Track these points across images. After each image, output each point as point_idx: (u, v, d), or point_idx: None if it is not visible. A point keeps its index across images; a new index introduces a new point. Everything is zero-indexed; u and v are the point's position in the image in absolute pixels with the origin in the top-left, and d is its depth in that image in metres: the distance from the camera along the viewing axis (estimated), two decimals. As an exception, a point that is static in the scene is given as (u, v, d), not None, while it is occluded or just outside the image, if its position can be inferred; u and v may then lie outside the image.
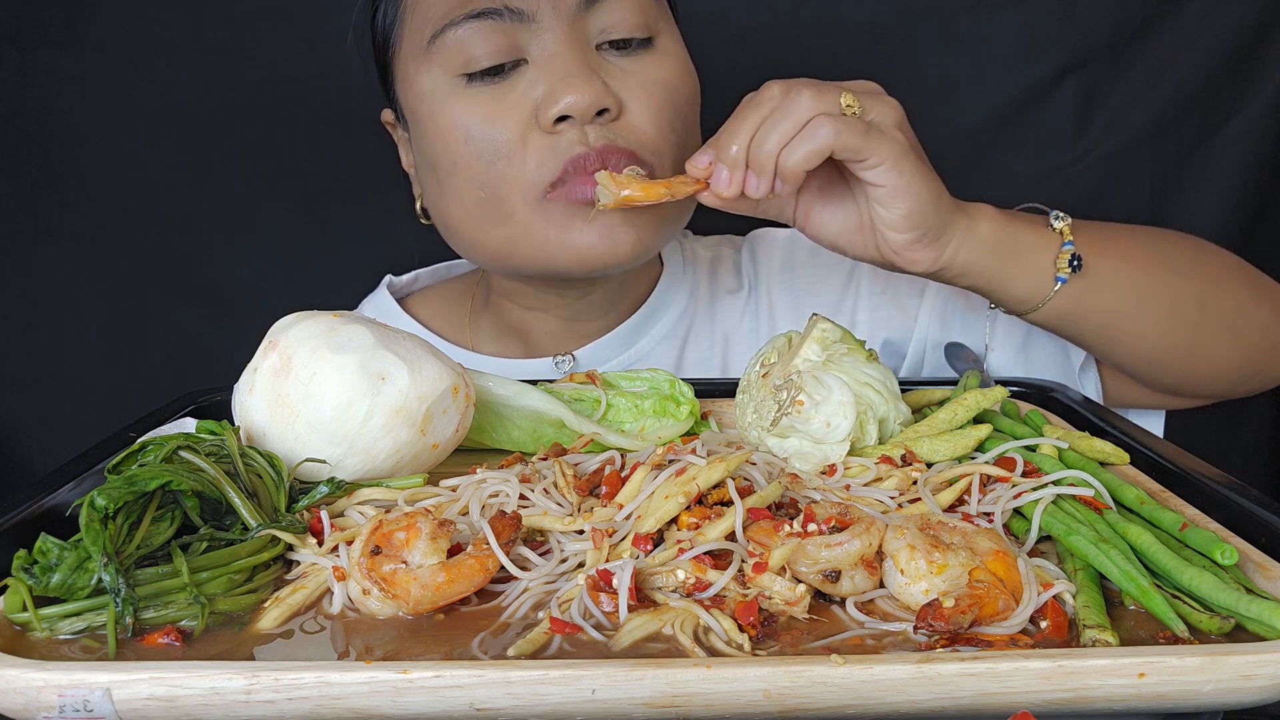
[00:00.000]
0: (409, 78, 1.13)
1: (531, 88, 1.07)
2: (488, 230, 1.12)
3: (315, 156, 1.70)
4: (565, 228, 1.08)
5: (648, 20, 1.11)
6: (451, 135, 1.09)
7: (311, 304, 0.93)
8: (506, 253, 1.13)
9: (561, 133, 1.06)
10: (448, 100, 1.09)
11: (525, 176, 1.07)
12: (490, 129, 1.08)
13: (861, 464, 0.87)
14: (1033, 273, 1.02)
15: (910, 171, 0.93)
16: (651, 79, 1.11)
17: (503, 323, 1.31)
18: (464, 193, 1.11)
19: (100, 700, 0.57)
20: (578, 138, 1.06)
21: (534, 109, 1.07)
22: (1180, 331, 1.08)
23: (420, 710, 0.57)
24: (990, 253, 1.00)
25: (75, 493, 0.80)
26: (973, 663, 0.57)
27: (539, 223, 1.09)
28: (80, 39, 1.62)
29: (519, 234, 1.11)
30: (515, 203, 1.09)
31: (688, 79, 1.16)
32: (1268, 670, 0.57)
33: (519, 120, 1.07)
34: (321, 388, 0.83)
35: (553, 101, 1.05)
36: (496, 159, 1.08)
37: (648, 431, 1.01)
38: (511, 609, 0.69)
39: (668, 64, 1.13)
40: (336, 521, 0.80)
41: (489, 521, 0.74)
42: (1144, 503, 0.78)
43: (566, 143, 1.06)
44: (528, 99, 1.07)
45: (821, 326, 0.93)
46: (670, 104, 1.12)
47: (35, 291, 1.72)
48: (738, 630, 0.64)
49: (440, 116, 1.10)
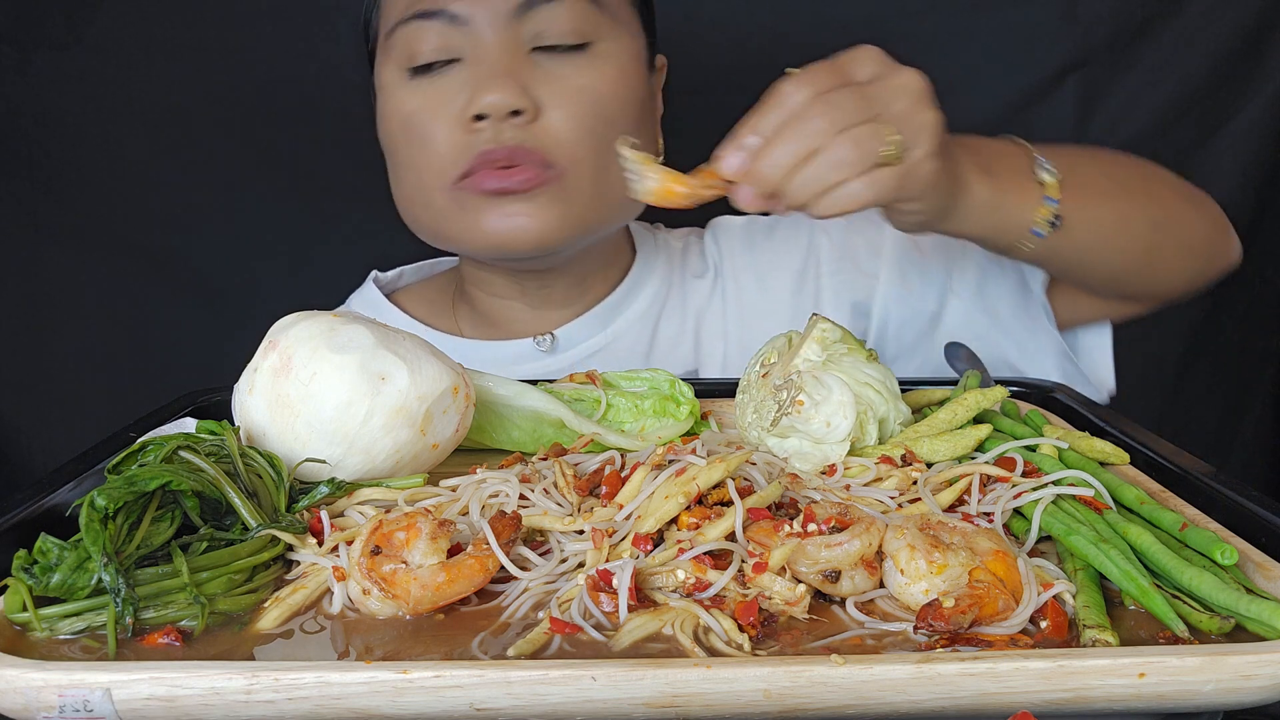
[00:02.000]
0: (377, 72, 1.25)
1: (462, 86, 1.16)
2: (418, 211, 1.24)
3: (315, 156, 1.70)
4: (474, 213, 1.18)
5: (581, 27, 1.17)
6: (393, 123, 1.21)
7: (311, 304, 0.93)
8: (435, 231, 1.25)
9: (479, 130, 1.15)
10: (395, 92, 1.20)
11: (441, 166, 1.18)
12: (421, 121, 1.18)
13: (861, 464, 0.87)
14: (1015, 228, 1.05)
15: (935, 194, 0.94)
16: (576, 85, 1.16)
17: (478, 312, 1.38)
18: (401, 176, 1.24)
19: (100, 700, 0.57)
20: (491, 135, 1.14)
21: (462, 106, 1.16)
22: (1141, 252, 1.15)
23: (420, 710, 0.57)
24: (979, 222, 1.03)
25: (75, 493, 0.80)
26: (973, 663, 0.57)
27: (453, 209, 1.20)
28: (80, 39, 1.62)
29: (439, 217, 1.22)
30: (432, 189, 1.20)
31: (622, 86, 1.20)
32: (1268, 670, 0.57)
33: (447, 116, 1.16)
34: (321, 388, 0.83)
35: (474, 101, 1.14)
36: (423, 148, 1.18)
37: (648, 431, 1.01)
38: (511, 609, 0.69)
39: (599, 70, 1.17)
40: (336, 521, 0.80)
41: (489, 521, 0.74)
42: (1144, 503, 0.78)
43: (481, 139, 1.15)
44: (458, 97, 1.16)
45: (821, 326, 0.93)
46: (595, 110, 1.17)
47: (35, 291, 1.72)
48: (738, 630, 0.64)
49: (388, 106, 1.22)
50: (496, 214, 1.17)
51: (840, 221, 1.33)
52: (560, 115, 1.16)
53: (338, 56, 1.65)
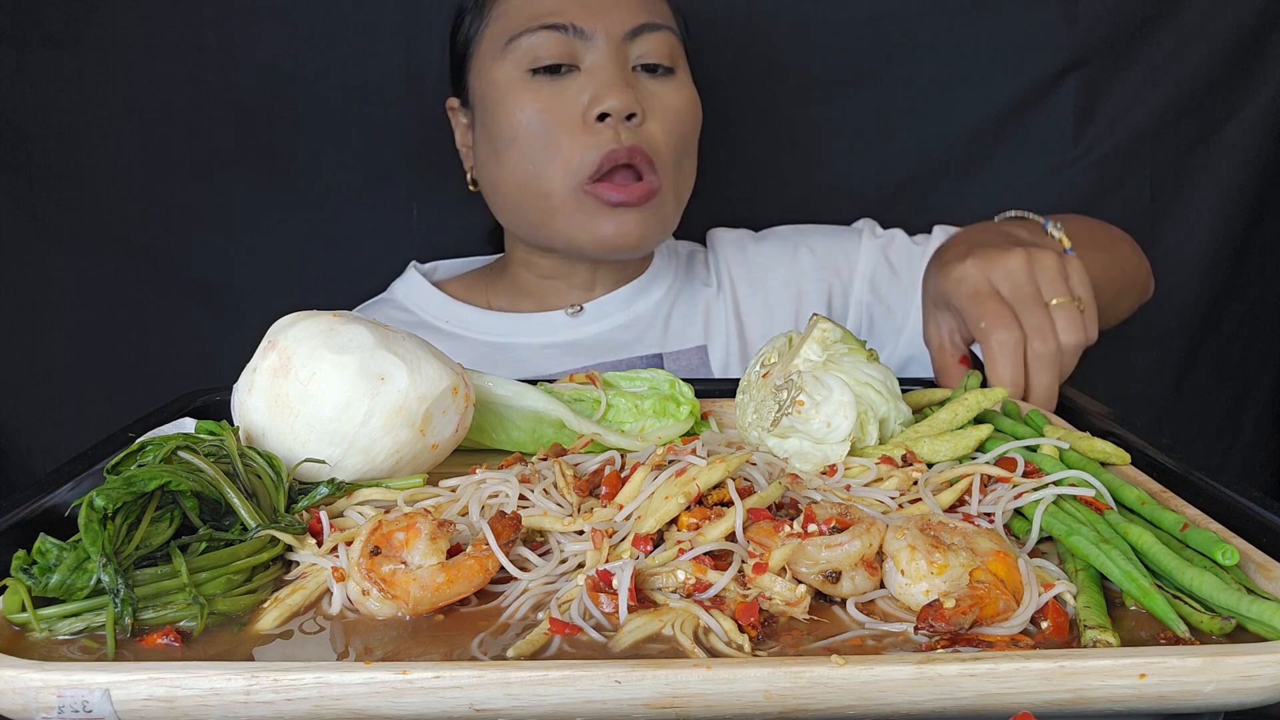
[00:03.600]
0: (484, 70, 1.39)
1: (581, 90, 1.33)
2: (529, 200, 1.38)
3: (315, 156, 1.70)
4: (592, 218, 1.35)
5: (673, 55, 1.39)
6: (516, 116, 1.35)
7: (311, 304, 0.92)
8: (539, 222, 1.39)
9: (599, 131, 1.32)
10: (516, 88, 1.35)
11: (567, 162, 1.33)
12: (546, 117, 1.34)
13: (862, 464, 0.86)
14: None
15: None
16: (668, 103, 1.38)
17: (519, 287, 1.53)
18: (516, 164, 1.37)
19: (99, 701, 0.57)
20: (612, 136, 1.32)
21: (582, 108, 1.33)
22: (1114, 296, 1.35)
23: (420, 711, 0.57)
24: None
25: (74, 493, 0.80)
26: (973, 663, 0.57)
27: (570, 207, 1.35)
28: (79, 39, 1.62)
29: (552, 210, 1.36)
30: (555, 183, 1.34)
31: (694, 111, 1.42)
32: (1269, 671, 0.57)
33: (568, 115, 1.33)
34: (321, 388, 0.83)
35: (597, 102, 1.32)
36: (547, 143, 1.34)
37: (648, 431, 1.01)
38: (511, 609, 0.69)
39: (682, 94, 1.40)
40: (336, 522, 0.80)
41: (489, 522, 0.73)
42: (1145, 503, 0.78)
43: (605, 140, 1.32)
44: (578, 99, 1.33)
45: (822, 326, 0.93)
46: (679, 126, 1.39)
47: (35, 291, 1.72)
48: (738, 631, 0.64)
49: (508, 100, 1.36)
50: (613, 221, 1.35)
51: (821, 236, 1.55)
52: (657, 124, 1.36)
53: (338, 56, 1.65)
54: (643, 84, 1.37)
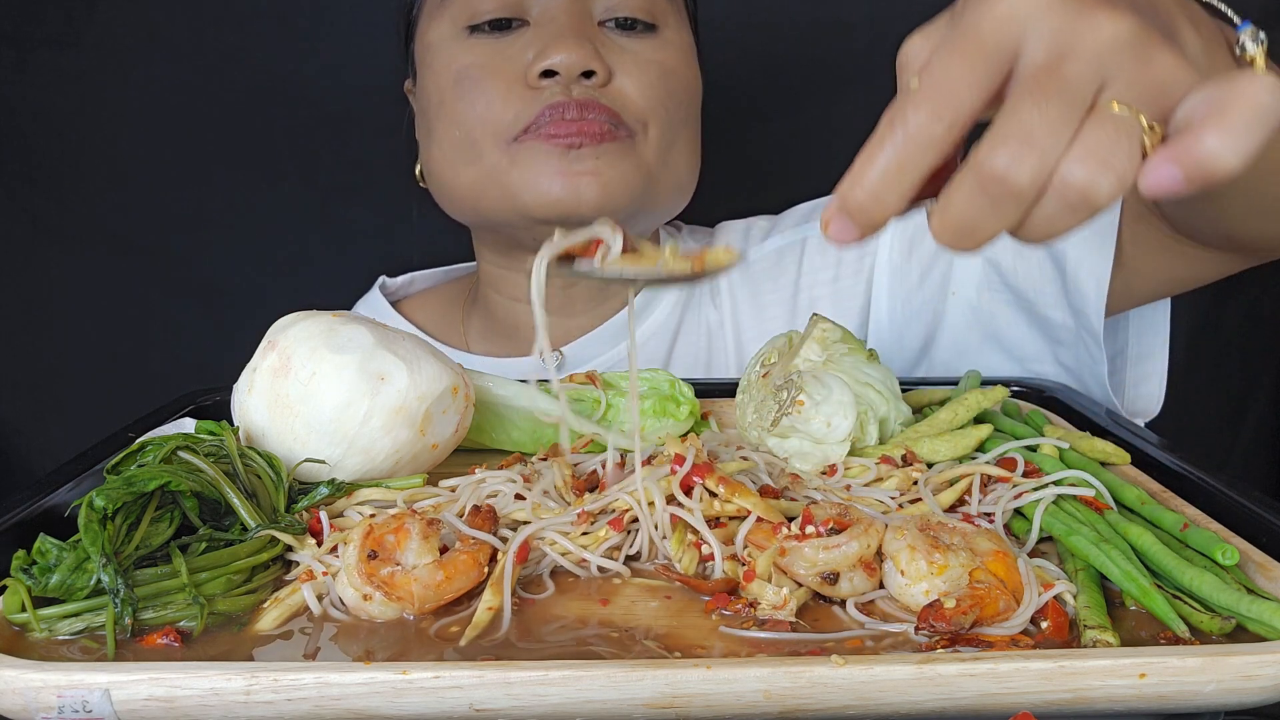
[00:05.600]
0: (422, 33, 1.18)
1: (526, 46, 1.10)
2: (459, 170, 1.15)
3: (315, 156, 1.70)
4: (533, 170, 1.09)
5: (654, 8, 1.14)
6: (444, 77, 1.13)
7: (311, 304, 0.92)
8: (475, 194, 1.15)
9: (542, 86, 1.09)
10: (448, 47, 1.14)
11: (499, 119, 1.10)
12: (480, 74, 1.11)
13: (862, 464, 0.86)
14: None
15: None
16: (647, 58, 1.12)
17: (492, 319, 1.32)
18: (444, 134, 1.14)
19: (99, 701, 0.57)
20: (559, 90, 1.08)
21: (525, 66, 1.10)
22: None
23: (420, 711, 0.57)
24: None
25: (74, 493, 0.80)
26: (973, 663, 0.57)
27: (505, 164, 1.11)
28: (79, 38, 1.62)
29: (486, 175, 1.13)
30: (485, 144, 1.12)
31: (688, 71, 1.16)
32: (1269, 671, 0.57)
33: (508, 74, 1.11)
34: (321, 388, 0.83)
35: (541, 57, 1.08)
36: (475, 101, 1.11)
37: (648, 431, 1.01)
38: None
39: (668, 51, 1.14)
40: (336, 522, 0.80)
41: (467, 520, 0.74)
42: (1145, 503, 0.78)
43: (547, 94, 1.08)
44: (521, 56, 1.10)
45: (822, 326, 0.93)
46: (664, 84, 1.13)
47: (35, 291, 1.72)
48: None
49: (438, 62, 1.14)
50: (560, 169, 1.08)
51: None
52: (630, 82, 1.11)
53: (338, 56, 1.65)
54: (612, 41, 1.13)
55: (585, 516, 0.75)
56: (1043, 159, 0.54)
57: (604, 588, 0.71)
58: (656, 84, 1.13)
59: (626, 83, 1.12)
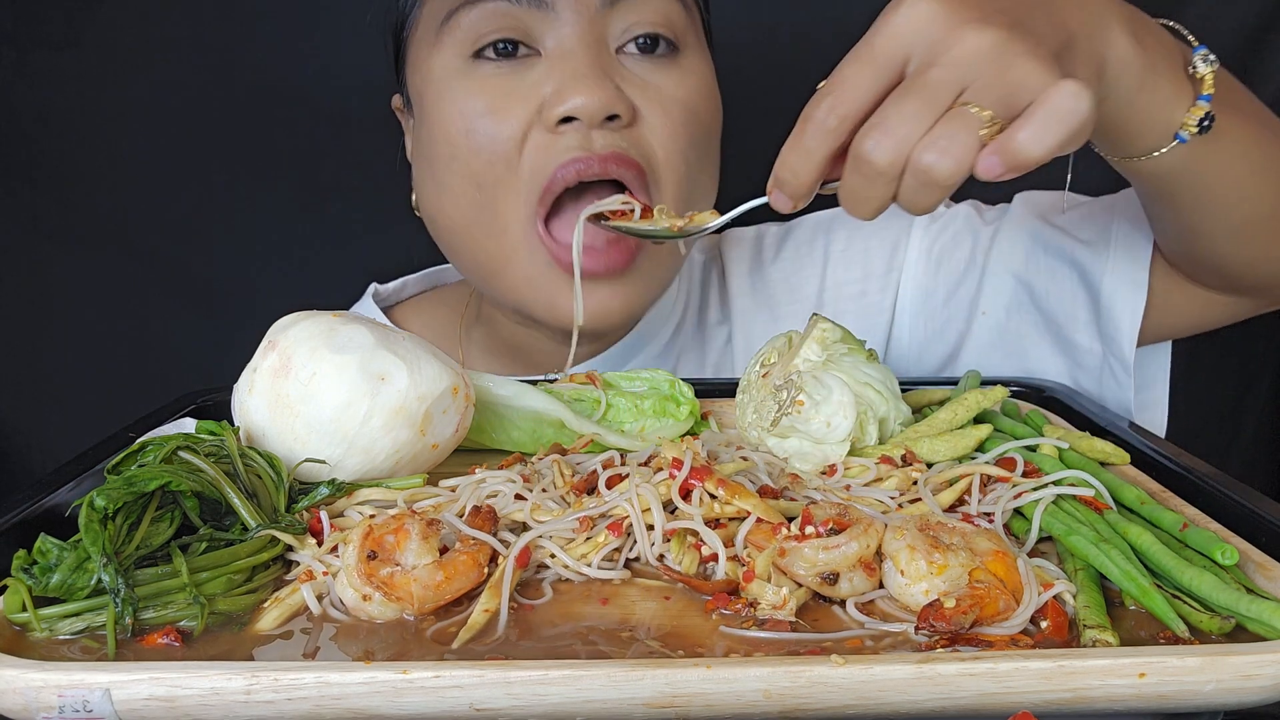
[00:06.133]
0: (420, 60, 1.08)
1: (541, 82, 1.01)
2: (478, 239, 1.07)
3: (314, 156, 1.70)
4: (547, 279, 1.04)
5: (674, 27, 1.04)
6: (454, 124, 1.03)
7: (311, 304, 0.92)
8: (490, 271, 1.08)
9: (562, 133, 1.00)
10: (454, 82, 1.03)
11: (522, 178, 1.02)
12: (493, 122, 1.01)
13: (861, 464, 0.86)
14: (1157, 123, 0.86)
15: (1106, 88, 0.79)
16: (671, 95, 1.03)
17: (496, 338, 1.26)
18: (460, 190, 1.05)
19: (100, 700, 0.57)
20: (580, 140, 0.99)
21: (540, 105, 1.00)
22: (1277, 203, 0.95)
23: (420, 710, 0.57)
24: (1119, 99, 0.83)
25: (75, 493, 0.80)
26: (973, 663, 0.57)
27: (527, 258, 1.05)
28: (79, 39, 1.62)
29: (508, 257, 1.06)
30: (510, 215, 1.04)
31: (710, 104, 1.09)
32: (1268, 670, 0.57)
33: (523, 116, 1.01)
34: (321, 388, 0.83)
35: (559, 100, 0.98)
36: (495, 159, 1.02)
37: (648, 431, 1.01)
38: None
39: (691, 82, 1.06)
40: (336, 522, 0.80)
41: (467, 520, 0.74)
42: (1144, 503, 0.78)
43: (567, 144, 0.99)
44: (536, 93, 1.01)
45: (822, 326, 0.93)
46: (688, 127, 1.05)
47: (35, 291, 1.72)
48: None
49: (444, 100, 1.04)
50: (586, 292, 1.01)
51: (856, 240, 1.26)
52: (657, 124, 1.02)
53: (338, 56, 1.65)
54: (632, 74, 1.03)
55: (586, 522, 0.75)
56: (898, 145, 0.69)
57: (604, 588, 0.71)
58: (682, 127, 1.04)
59: (654, 123, 1.03)
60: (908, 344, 1.25)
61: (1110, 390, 1.16)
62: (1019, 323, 1.19)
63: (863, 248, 1.27)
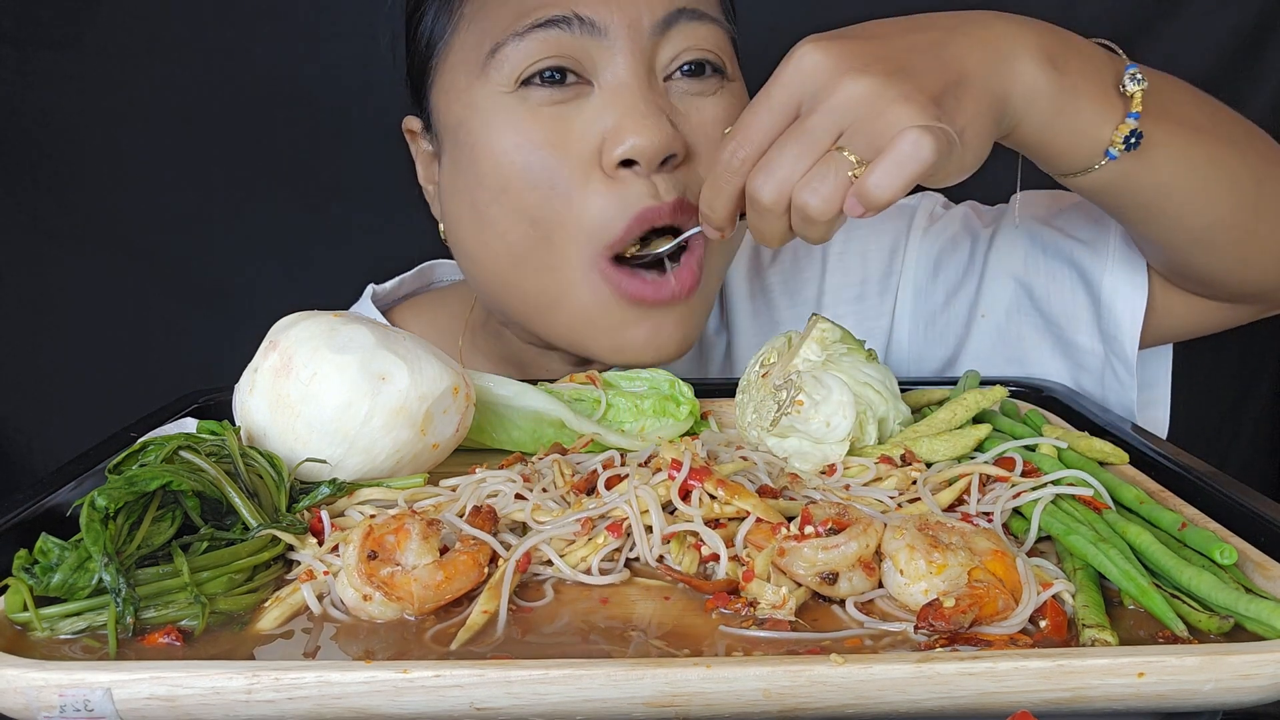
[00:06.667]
0: (459, 89, 1.04)
1: (596, 117, 0.99)
2: (528, 275, 1.03)
3: (315, 156, 1.70)
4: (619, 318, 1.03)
5: (722, 55, 1.04)
6: (504, 156, 1.00)
7: (312, 304, 0.93)
8: (540, 309, 1.05)
9: (624, 180, 0.99)
10: (505, 113, 1.00)
11: (585, 223, 0.99)
12: (550, 156, 0.99)
13: (861, 464, 0.87)
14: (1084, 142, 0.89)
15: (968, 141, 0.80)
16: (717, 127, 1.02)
17: (502, 350, 1.23)
18: (509, 226, 1.02)
19: (101, 700, 0.57)
20: (646, 189, 0.98)
21: (598, 142, 0.99)
22: (1234, 210, 0.95)
23: (420, 710, 0.58)
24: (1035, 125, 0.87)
25: (76, 493, 0.80)
26: (972, 662, 0.57)
27: (587, 294, 1.02)
28: (80, 39, 1.62)
29: (564, 292, 1.03)
30: (569, 252, 1.01)
31: None
32: (1267, 670, 0.57)
33: (582, 154, 0.99)
34: (322, 388, 0.83)
35: (618, 140, 0.97)
36: (554, 196, 0.99)
37: (648, 431, 1.01)
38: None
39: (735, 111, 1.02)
40: (337, 521, 0.80)
41: (467, 520, 0.74)
42: (1143, 502, 0.78)
43: (635, 193, 0.98)
44: (593, 129, 0.99)
45: (821, 326, 0.93)
46: None
47: (35, 291, 1.73)
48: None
49: (493, 131, 1.00)
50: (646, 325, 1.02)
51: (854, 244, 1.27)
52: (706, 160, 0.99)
53: (338, 56, 1.65)
54: (682, 101, 1.02)
55: (587, 524, 0.75)
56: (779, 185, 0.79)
57: (604, 588, 0.71)
58: None
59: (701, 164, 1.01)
60: (907, 348, 1.25)
61: (1113, 391, 1.17)
62: (1019, 325, 1.20)
63: (860, 251, 1.27)
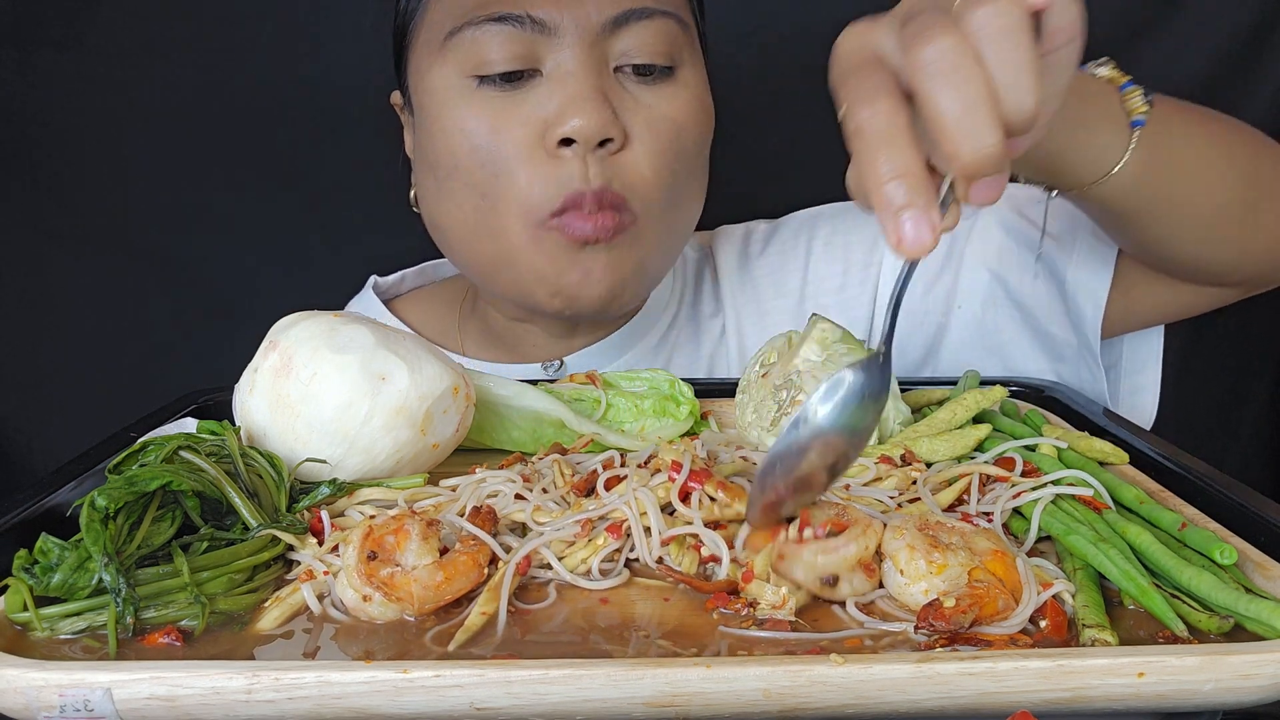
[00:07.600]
0: (421, 70, 1.12)
1: (542, 103, 1.06)
2: (479, 242, 1.12)
3: (315, 156, 1.70)
4: (553, 260, 1.08)
5: (672, 49, 1.09)
6: (456, 138, 1.08)
7: (312, 304, 0.93)
8: (491, 269, 1.13)
9: (564, 159, 1.05)
10: (457, 101, 1.08)
11: (524, 196, 1.06)
12: (496, 139, 1.06)
13: (861, 464, 0.87)
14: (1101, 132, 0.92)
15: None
16: (661, 114, 1.08)
17: (490, 330, 1.30)
18: (462, 198, 1.10)
19: (101, 700, 0.57)
20: (579, 171, 1.04)
21: (542, 126, 1.05)
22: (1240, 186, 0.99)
23: (420, 710, 0.58)
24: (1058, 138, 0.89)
25: (76, 493, 0.80)
26: (972, 662, 0.57)
27: (532, 250, 1.09)
28: (80, 39, 1.62)
29: (508, 254, 1.10)
30: (511, 220, 1.08)
31: (701, 116, 1.13)
32: (1267, 670, 0.57)
33: (525, 135, 1.06)
34: (322, 388, 0.83)
35: (560, 122, 1.04)
36: (499, 172, 1.07)
37: (648, 431, 1.01)
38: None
39: (683, 99, 1.10)
40: (337, 521, 0.80)
41: (467, 519, 0.74)
42: (1143, 502, 0.78)
43: (567, 174, 1.05)
44: (537, 114, 1.06)
45: (821, 326, 0.93)
46: (675, 145, 1.10)
47: (35, 291, 1.72)
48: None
49: (446, 116, 1.08)
50: (578, 266, 1.08)
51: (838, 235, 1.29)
52: (644, 149, 1.07)
53: (338, 56, 1.65)
54: (627, 91, 1.08)
55: (588, 525, 0.75)
56: (975, 92, 0.60)
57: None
58: (669, 146, 1.09)
59: (640, 149, 1.07)
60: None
61: (1086, 381, 1.19)
62: (995, 316, 1.22)
63: (844, 242, 1.29)
